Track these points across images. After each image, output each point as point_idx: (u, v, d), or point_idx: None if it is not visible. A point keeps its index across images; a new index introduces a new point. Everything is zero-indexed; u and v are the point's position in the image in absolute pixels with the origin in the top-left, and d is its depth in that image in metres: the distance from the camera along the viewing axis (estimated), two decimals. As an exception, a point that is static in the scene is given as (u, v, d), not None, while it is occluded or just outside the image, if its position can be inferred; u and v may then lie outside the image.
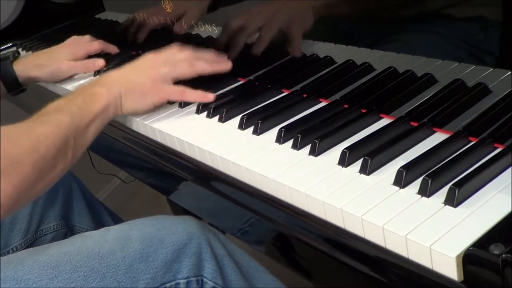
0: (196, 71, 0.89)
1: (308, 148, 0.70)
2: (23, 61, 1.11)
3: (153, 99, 0.87)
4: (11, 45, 1.53)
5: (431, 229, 0.53)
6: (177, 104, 0.91)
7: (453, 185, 0.56)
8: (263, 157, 0.72)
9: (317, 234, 0.63)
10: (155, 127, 0.87)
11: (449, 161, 0.61)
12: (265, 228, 0.73)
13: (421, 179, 0.58)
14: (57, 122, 0.75)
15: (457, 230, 0.52)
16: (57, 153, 0.73)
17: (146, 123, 0.88)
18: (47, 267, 0.73)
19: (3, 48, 1.53)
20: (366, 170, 0.63)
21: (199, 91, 0.88)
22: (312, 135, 0.71)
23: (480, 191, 0.57)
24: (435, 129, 0.69)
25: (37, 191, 0.73)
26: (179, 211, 1.16)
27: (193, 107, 0.89)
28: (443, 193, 0.57)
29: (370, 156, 0.64)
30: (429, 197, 0.57)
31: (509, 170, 0.59)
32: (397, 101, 0.76)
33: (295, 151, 0.71)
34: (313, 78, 0.89)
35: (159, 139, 0.87)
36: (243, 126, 0.80)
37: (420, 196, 0.58)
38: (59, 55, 1.10)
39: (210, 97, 0.88)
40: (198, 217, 0.88)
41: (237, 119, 0.82)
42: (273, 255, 0.75)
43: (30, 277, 0.72)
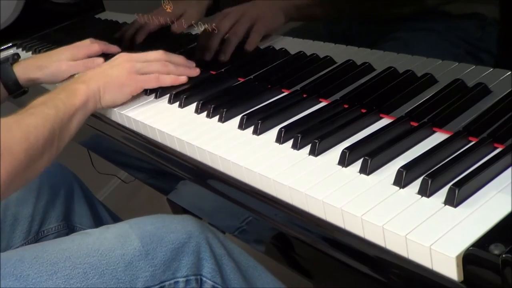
0: (167, 70, 0.96)
1: (308, 148, 0.70)
2: (23, 63, 1.11)
3: (130, 89, 0.93)
4: (11, 45, 1.53)
5: (431, 229, 0.53)
6: (177, 104, 0.91)
7: (453, 185, 0.56)
8: (263, 157, 0.72)
9: (317, 234, 0.63)
10: (155, 127, 0.87)
11: (449, 161, 0.61)
12: (264, 227, 0.73)
13: (421, 179, 0.58)
14: (44, 114, 0.80)
15: (457, 230, 0.52)
16: (44, 143, 0.78)
17: (146, 123, 0.88)
18: (46, 263, 0.74)
19: (3, 48, 1.53)
20: (366, 170, 0.63)
21: (172, 75, 0.95)
22: (312, 135, 0.71)
23: (480, 191, 0.57)
24: (435, 129, 0.69)
25: (26, 178, 0.78)
26: (179, 211, 1.16)
27: (193, 107, 0.89)
28: (443, 193, 0.57)
29: (370, 156, 0.64)
30: (429, 197, 0.57)
31: (509, 170, 0.58)
32: (397, 101, 0.76)
33: (295, 151, 0.71)
34: (313, 78, 0.89)
35: (159, 139, 0.87)
36: (243, 126, 0.80)
37: (420, 196, 0.58)
38: (59, 56, 1.10)
39: (182, 79, 0.96)
40: (197, 217, 0.89)
41: (237, 119, 0.82)
42: (273, 255, 0.75)
43: (29, 273, 0.73)
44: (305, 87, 0.86)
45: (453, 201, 0.55)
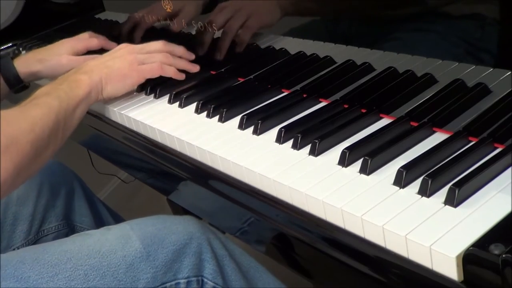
0: (170, 62, 0.96)
1: (308, 148, 0.70)
2: (24, 57, 1.11)
3: (132, 80, 0.93)
4: (11, 45, 1.53)
5: (431, 229, 0.53)
6: (177, 104, 0.91)
7: (453, 185, 0.56)
8: (263, 157, 0.72)
9: (317, 234, 0.63)
10: (155, 127, 0.87)
11: (449, 161, 0.61)
12: (265, 228, 0.73)
13: (421, 179, 0.58)
14: (48, 105, 0.80)
15: (457, 230, 0.52)
16: (49, 134, 0.78)
17: (146, 123, 0.88)
18: (47, 265, 0.74)
19: (3, 48, 1.53)
20: (366, 170, 0.63)
21: (174, 68, 0.96)
22: (312, 135, 0.71)
23: (480, 191, 0.57)
24: (435, 129, 0.69)
25: (33, 170, 0.77)
26: (179, 211, 1.16)
27: (193, 107, 0.89)
28: (443, 193, 0.57)
29: (370, 156, 0.64)
30: (429, 197, 0.57)
31: (509, 170, 0.59)
32: (397, 101, 0.76)
33: (295, 151, 0.71)
34: (313, 78, 0.89)
35: (159, 139, 0.87)
36: (243, 126, 0.80)
37: (420, 196, 0.58)
38: (59, 50, 1.10)
39: (183, 75, 0.96)
40: (198, 217, 0.88)
41: (237, 119, 0.82)
42: (273, 255, 0.75)
43: (30, 275, 0.72)
44: (305, 87, 0.86)
45: (453, 201, 0.55)
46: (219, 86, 0.95)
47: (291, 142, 0.72)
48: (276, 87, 0.89)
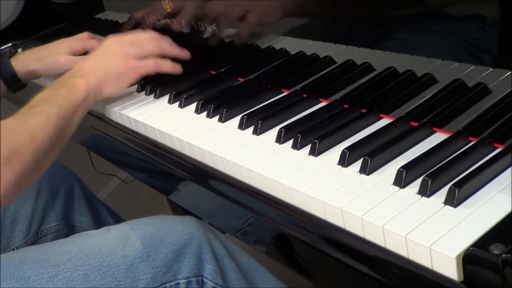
0: (163, 50, 0.95)
1: (308, 148, 0.70)
2: (21, 56, 1.11)
3: (129, 78, 0.92)
4: (11, 45, 1.53)
5: (431, 229, 0.53)
6: (177, 104, 0.91)
7: (453, 185, 0.56)
8: (263, 157, 0.72)
9: (317, 234, 0.63)
10: (155, 127, 0.87)
11: (449, 161, 0.61)
12: (265, 228, 0.73)
13: (421, 179, 0.58)
14: (47, 113, 0.79)
15: (457, 230, 0.52)
16: (50, 142, 0.77)
17: (146, 123, 0.88)
18: (47, 265, 0.74)
19: (3, 48, 1.53)
20: (366, 170, 0.63)
21: (169, 61, 0.94)
22: (312, 135, 0.71)
23: (480, 191, 0.57)
24: (435, 129, 0.69)
25: (33, 179, 0.77)
26: (179, 211, 1.16)
27: (193, 107, 0.89)
28: (443, 193, 0.57)
29: (370, 156, 0.64)
30: (429, 197, 0.57)
31: (509, 170, 0.59)
32: (397, 101, 0.76)
33: (295, 151, 0.71)
34: (313, 78, 0.89)
35: (159, 139, 0.87)
36: (243, 126, 0.80)
37: (420, 196, 0.58)
38: (57, 49, 1.10)
39: (178, 68, 0.95)
40: (198, 217, 0.88)
41: (237, 119, 0.82)
42: (273, 255, 0.75)
43: (30, 275, 0.72)
44: (305, 87, 0.86)
45: (453, 201, 0.55)
46: (219, 86, 0.95)
47: (291, 142, 0.72)
48: (276, 87, 0.89)
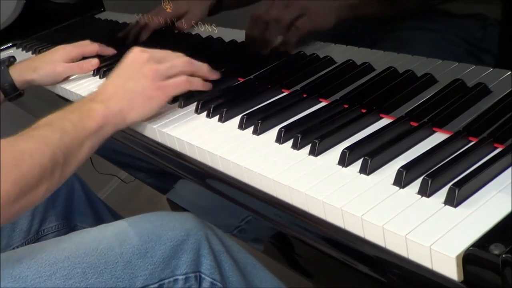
0: (194, 66, 0.86)
1: (308, 148, 0.70)
2: (18, 66, 1.11)
3: (159, 101, 0.83)
4: (11, 45, 1.54)
5: (431, 229, 0.53)
6: (177, 104, 0.91)
7: (453, 185, 0.56)
8: (263, 157, 0.72)
9: (317, 234, 0.63)
10: (155, 127, 0.87)
11: (449, 161, 0.61)
12: (264, 227, 0.73)
13: (421, 179, 0.58)
14: (46, 139, 0.71)
15: (457, 230, 0.52)
16: (42, 172, 0.68)
17: (145, 123, 0.88)
18: (45, 264, 0.74)
19: (3, 48, 1.53)
20: (366, 170, 0.63)
21: (200, 79, 0.87)
22: (312, 135, 0.71)
23: (480, 191, 0.57)
24: (435, 129, 0.69)
25: (17, 210, 0.67)
26: (178, 210, 1.16)
27: (193, 107, 0.89)
28: (443, 193, 0.57)
29: (370, 156, 0.64)
30: (429, 197, 0.57)
31: (509, 170, 0.58)
32: (397, 101, 0.76)
33: (295, 151, 0.71)
34: (313, 78, 0.89)
35: (159, 139, 0.87)
36: (243, 126, 0.80)
37: (420, 196, 0.58)
38: (53, 57, 1.10)
39: (208, 86, 0.88)
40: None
41: (237, 119, 0.82)
42: (272, 254, 0.75)
43: (28, 274, 0.72)
44: (305, 87, 0.86)
45: (453, 201, 0.55)
46: (219, 86, 0.95)
47: (291, 142, 0.72)
48: (276, 87, 0.89)
